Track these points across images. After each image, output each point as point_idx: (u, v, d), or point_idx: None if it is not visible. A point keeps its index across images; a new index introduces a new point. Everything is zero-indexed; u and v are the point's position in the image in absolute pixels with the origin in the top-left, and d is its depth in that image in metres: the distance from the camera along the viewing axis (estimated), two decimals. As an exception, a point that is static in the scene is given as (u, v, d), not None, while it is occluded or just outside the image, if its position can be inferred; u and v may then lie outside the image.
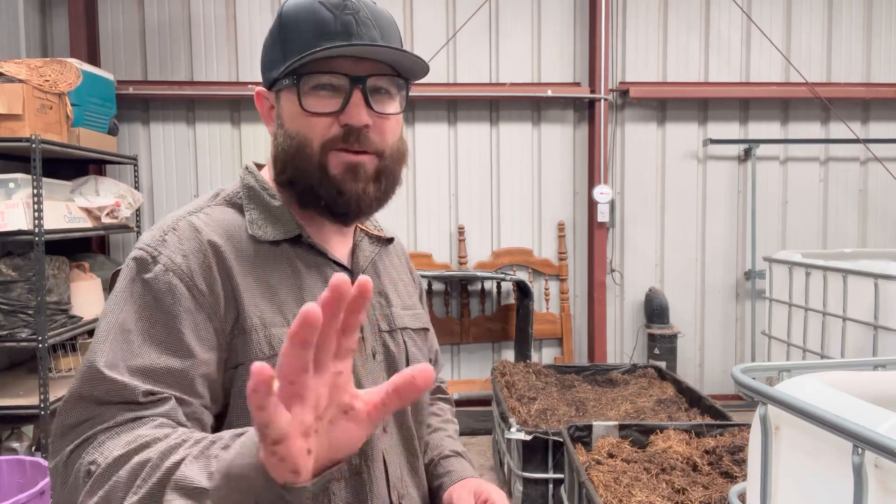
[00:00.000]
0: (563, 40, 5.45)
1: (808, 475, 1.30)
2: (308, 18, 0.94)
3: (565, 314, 5.50)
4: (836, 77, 5.57)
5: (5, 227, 3.50)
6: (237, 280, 0.92)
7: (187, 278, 0.89)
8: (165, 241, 0.92)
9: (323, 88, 0.94)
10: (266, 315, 0.92)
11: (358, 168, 0.95)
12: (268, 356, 0.90)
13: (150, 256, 0.90)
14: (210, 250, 0.92)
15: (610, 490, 2.56)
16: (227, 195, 1.02)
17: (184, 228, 0.94)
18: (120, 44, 5.20)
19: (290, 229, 0.99)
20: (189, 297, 0.88)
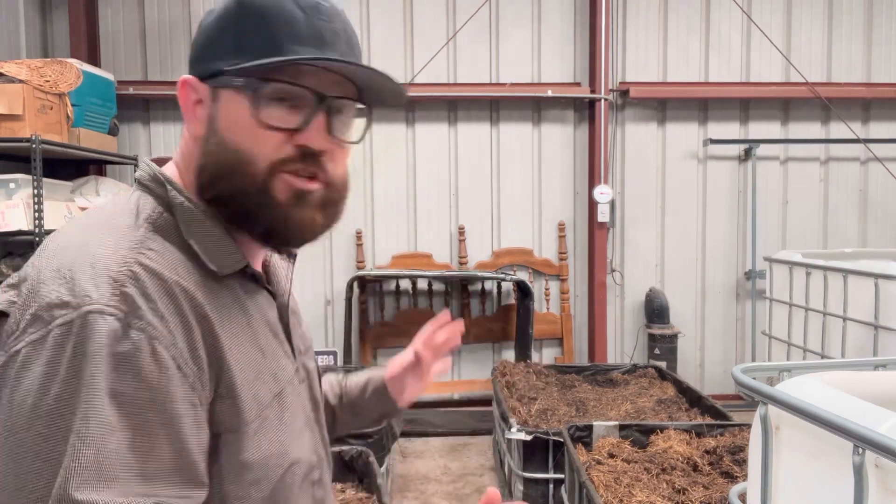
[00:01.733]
0: (563, 40, 5.45)
1: (809, 475, 1.30)
2: (276, 12, 0.79)
3: (565, 314, 5.50)
4: (837, 77, 5.57)
5: (6, 228, 3.50)
6: (217, 332, 0.77)
7: (172, 347, 0.71)
8: (129, 297, 0.70)
9: (283, 100, 0.80)
10: (247, 369, 0.80)
11: (306, 195, 0.82)
12: (256, 416, 0.79)
13: (119, 320, 0.68)
14: (182, 300, 0.74)
15: (610, 490, 2.56)
16: (150, 217, 0.80)
17: (143, 276, 0.72)
18: (120, 44, 5.20)
19: (238, 260, 0.84)
20: (178, 372, 0.71)
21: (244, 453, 0.77)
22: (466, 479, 4.16)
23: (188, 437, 0.71)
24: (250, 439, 0.78)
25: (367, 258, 5.40)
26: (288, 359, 0.90)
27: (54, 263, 0.72)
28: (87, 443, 0.63)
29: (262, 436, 0.79)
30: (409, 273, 5.13)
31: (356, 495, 2.70)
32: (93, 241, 0.75)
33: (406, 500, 3.88)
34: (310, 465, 0.89)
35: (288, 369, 0.89)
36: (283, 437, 0.83)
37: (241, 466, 0.77)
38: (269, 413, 0.81)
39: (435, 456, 4.55)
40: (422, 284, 5.42)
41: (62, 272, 0.71)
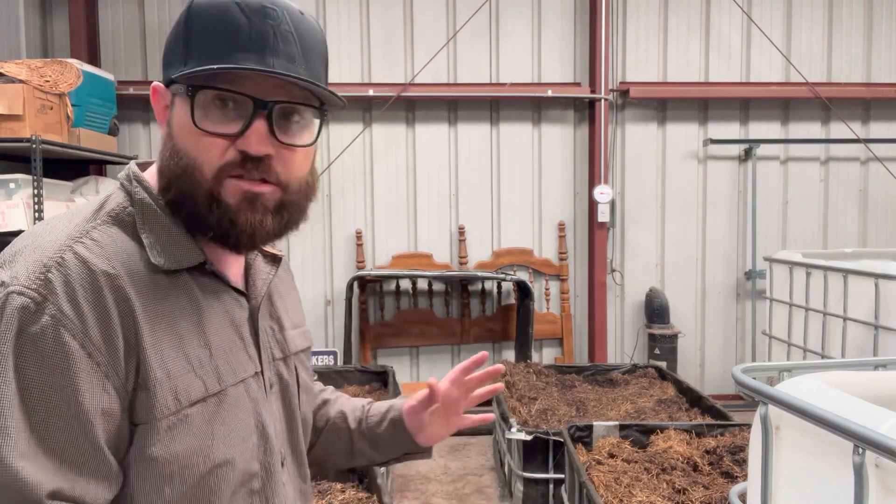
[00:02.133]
0: (563, 40, 5.45)
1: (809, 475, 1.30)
2: (219, 20, 0.80)
3: (566, 314, 5.50)
4: (837, 77, 5.57)
5: (6, 228, 3.50)
6: (140, 324, 0.78)
7: (81, 334, 0.73)
8: (49, 282, 0.74)
9: (222, 106, 0.81)
10: (171, 364, 0.80)
11: (257, 198, 0.83)
12: (173, 411, 0.79)
13: (34, 303, 0.72)
14: (107, 290, 0.76)
15: (610, 490, 2.56)
16: (113, 210, 0.84)
17: (72, 264, 0.75)
18: (120, 44, 5.21)
19: (193, 256, 0.85)
20: (86, 360, 0.73)
21: (152, 448, 0.77)
22: (466, 479, 4.16)
23: (91, 425, 0.73)
24: (161, 434, 0.78)
25: (367, 258, 5.40)
26: (250, 361, 0.90)
27: (12, 249, 0.79)
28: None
29: (178, 432, 0.79)
30: (409, 273, 5.13)
31: (356, 495, 2.70)
32: (47, 230, 0.80)
33: (406, 500, 3.88)
34: (247, 473, 0.87)
35: (245, 371, 0.89)
36: (207, 437, 0.82)
37: (148, 460, 0.78)
38: (193, 411, 0.80)
39: (435, 456, 4.53)
40: (422, 284, 5.42)
41: (13, 256, 0.77)
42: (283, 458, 0.95)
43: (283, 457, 0.95)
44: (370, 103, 5.31)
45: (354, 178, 5.40)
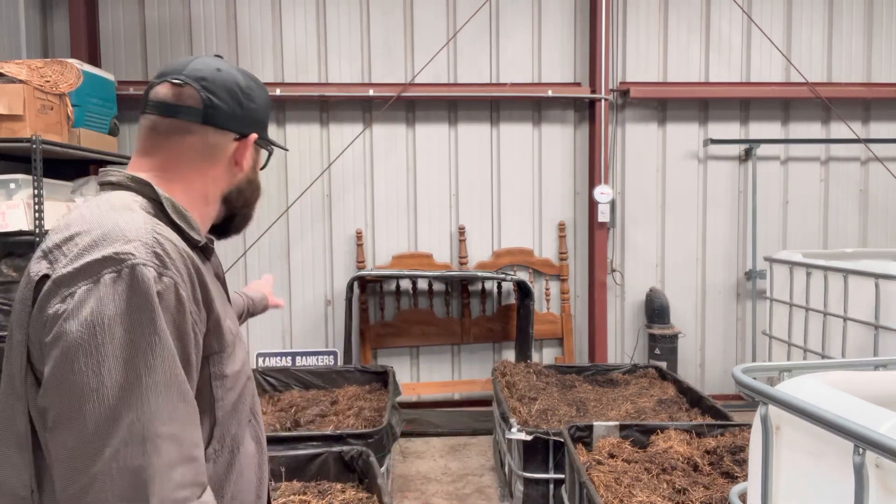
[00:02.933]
0: (563, 40, 5.45)
1: (809, 475, 1.30)
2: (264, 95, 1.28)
3: (566, 314, 5.50)
4: (837, 77, 5.57)
5: (6, 228, 3.50)
6: (206, 283, 1.09)
7: (185, 289, 1.02)
8: (159, 256, 1.00)
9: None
10: (220, 311, 1.13)
11: None
12: (230, 342, 1.14)
13: (157, 271, 0.98)
14: (188, 259, 1.06)
15: (611, 490, 2.56)
16: (144, 206, 1.11)
17: (165, 244, 1.03)
18: (120, 44, 5.21)
19: (202, 236, 1.18)
20: (189, 311, 1.02)
21: (226, 368, 1.12)
22: (467, 479, 4.16)
23: (193, 355, 1.02)
24: (229, 358, 1.13)
25: (367, 258, 5.40)
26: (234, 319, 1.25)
27: (85, 238, 0.99)
28: (151, 349, 0.94)
29: (235, 356, 1.15)
30: (409, 273, 5.13)
31: (356, 495, 2.70)
32: (118, 219, 1.02)
33: (406, 500, 3.88)
34: (252, 387, 1.26)
35: (235, 316, 1.27)
36: (243, 358, 1.19)
37: (223, 377, 1.11)
38: (236, 341, 1.18)
39: (435, 456, 4.55)
40: (422, 284, 5.42)
41: (99, 241, 0.98)
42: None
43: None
44: (370, 103, 5.31)
45: (354, 178, 5.40)
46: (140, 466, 0.88)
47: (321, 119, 5.34)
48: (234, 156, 1.22)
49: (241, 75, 1.22)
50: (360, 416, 3.73)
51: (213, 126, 1.17)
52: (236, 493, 1.15)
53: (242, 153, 1.23)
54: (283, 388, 4.37)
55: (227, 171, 1.22)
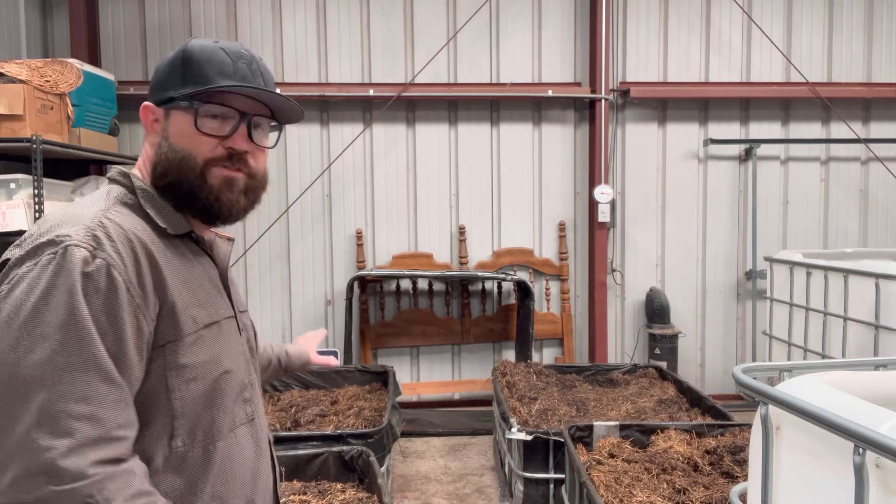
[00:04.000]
0: (563, 40, 5.45)
1: (809, 475, 1.30)
2: (211, 58, 1.15)
3: (566, 314, 5.50)
4: (837, 77, 5.57)
5: (6, 228, 3.50)
6: (162, 269, 1.07)
7: (123, 273, 1.01)
8: (98, 238, 1.01)
9: (215, 116, 1.15)
10: (185, 298, 1.11)
11: (234, 181, 1.17)
12: (193, 330, 1.10)
13: (89, 251, 0.99)
14: (136, 243, 1.05)
15: (611, 490, 2.56)
16: (118, 197, 1.13)
17: (109, 226, 1.04)
18: (121, 44, 5.21)
19: (183, 226, 1.16)
20: (126, 293, 1.01)
21: (182, 357, 1.08)
22: (467, 479, 4.16)
23: (128, 338, 1.00)
24: (187, 347, 1.09)
25: (367, 258, 5.40)
26: (227, 307, 1.23)
27: (46, 224, 1.05)
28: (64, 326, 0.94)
29: (198, 346, 1.11)
30: (409, 273, 5.13)
31: (356, 495, 2.70)
32: (75, 209, 1.08)
33: (406, 500, 3.88)
34: (242, 384, 1.21)
35: (227, 312, 1.22)
36: (217, 351, 1.15)
37: (179, 367, 1.08)
38: (205, 332, 1.13)
39: (435, 456, 4.55)
40: (422, 284, 5.42)
41: (52, 227, 1.03)
42: (254, 382, 1.28)
43: (253, 382, 1.28)
44: (370, 103, 5.31)
45: (355, 178, 5.40)
46: (49, 446, 0.89)
47: (321, 119, 5.34)
48: (148, 126, 1.18)
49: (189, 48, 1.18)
50: (360, 416, 3.73)
51: (150, 103, 1.19)
52: (219, 493, 1.13)
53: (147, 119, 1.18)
54: (284, 388, 4.37)
55: (150, 145, 1.18)
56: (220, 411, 1.14)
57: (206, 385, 1.11)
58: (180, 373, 1.08)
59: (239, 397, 1.19)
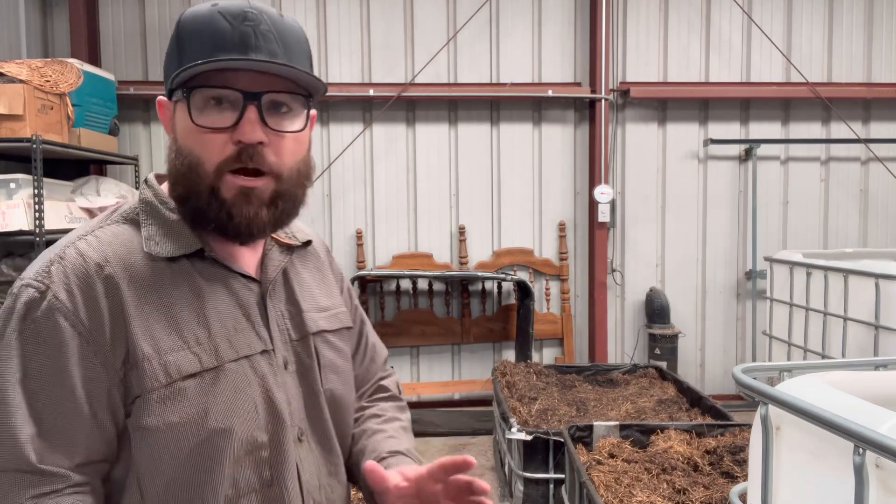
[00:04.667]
0: (563, 40, 5.45)
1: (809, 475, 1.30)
2: (205, 29, 0.89)
3: (566, 314, 5.50)
4: (837, 77, 5.57)
5: (6, 228, 3.50)
6: (128, 308, 0.88)
7: (73, 317, 0.85)
8: (50, 274, 0.87)
9: (216, 103, 0.89)
10: (161, 341, 0.88)
11: (251, 193, 0.91)
12: (164, 384, 0.87)
13: (38, 292, 0.86)
14: (97, 278, 0.87)
15: (611, 490, 2.56)
16: (124, 211, 0.97)
17: (70, 257, 0.88)
18: (121, 44, 5.20)
19: (191, 244, 0.94)
20: (76, 338, 0.85)
21: (146, 418, 0.86)
22: (467, 479, 4.16)
23: (77, 393, 0.84)
24: (153, 406, 0.86)
25: (367, 258, 5.40)
26: (259, 340, 0.97)
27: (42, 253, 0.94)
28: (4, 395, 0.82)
29: (172, 404, 0.87)
30: (409, 273, 5.13)
31: (357, 494, 2.70)
32: (71, 235, 0.94)
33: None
34: (252, 443, 0.93)
35: (250, 348, 0.95)
36: (202, 408, 0.88)
37: (143, 429, 0.86)
38: (188, 384, 0.88)
39: (435, 456, 4.54)
40: (422, 284, 5.42)
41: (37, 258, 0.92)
42: (302, 433, 1.00)
43: (302, 432, 1.00)
44: (370, 103, 5.31)
45: (355, 178, 5.40)
46: None
47: (321, 119, 5.34)
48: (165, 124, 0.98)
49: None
50: (360, 416, 3.73)
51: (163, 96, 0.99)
52: None
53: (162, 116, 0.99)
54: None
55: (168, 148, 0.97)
56: (207, 479, 0.89)
57: (183, 452, 0.87)
58: (143, 436, 0.87)
59: (247, 458, 0.92)
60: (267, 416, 0.95)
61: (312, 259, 1.15)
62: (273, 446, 0.95)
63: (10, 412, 0.82)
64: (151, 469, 0.87)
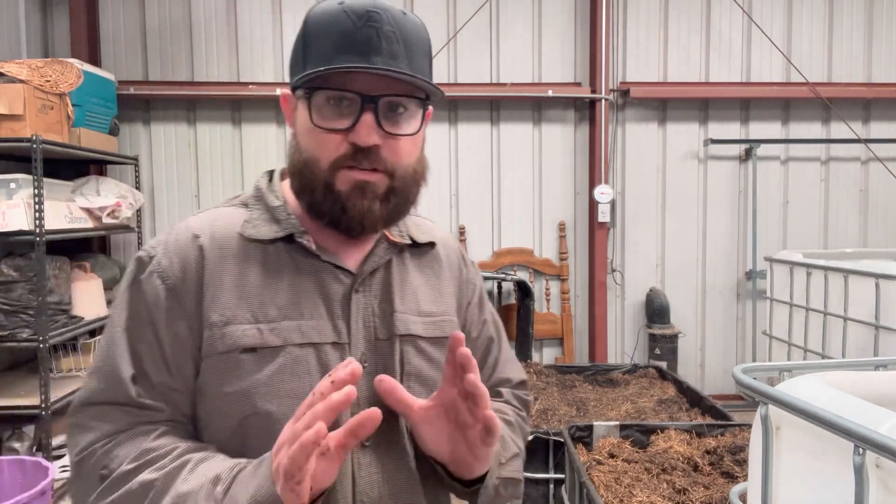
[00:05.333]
0: (563, 40, 5.45)
1: (809, 475, 1.30)
2: (330, 29, 0.91)
3: (566, 314, 5.50)
4: (837, 77, 5.57)
5: (6, 228, 3.50)
6: (208, 276, 0.95)
7: (167, 279, 0.94)
8: (160, 243, 0.99)
9: (334, 104, 0.92)
10: (229, 313, 0.93)
11: (366, 186, 0.94)
12: (221, 352, 0.92)
13: (148, 257, 0.98)
14: (191, 247, 0.96)
15: (611, 490, 2.56)
16: (244, 197, 1.06)
17: (179, 229, 1.00)
18: (121, 44, 5.20)
19: (285, 228, 0.98)
20: (169, 297, 0.94)
21: (204, 382, 0.93)
22: (467, 479, 4.16)
23: (164, 345, 0.93)
24: (211, 372, 0.92)
25: (367, 258, 5.39)
26: (333, 331, 0.97)
27: None
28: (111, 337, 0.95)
29: (227, 374, 0.92)
30: (409, 273, 5.12)
31: None
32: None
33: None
34: None
35: (319, 337, 0.95)
36: (253, 385, 0.91)
37: (202, 393, 0.93)
38: (244, 357, 0.92)
39: (435, 456, 4.54)
40: (422, 284, 5.41)
41: None
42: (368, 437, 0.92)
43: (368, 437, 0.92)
44: (370, 103, 5.30)
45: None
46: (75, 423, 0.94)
47: (321, 119, 5.33)
48: (288, 117, 1.03)
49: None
50: (360, 416, 3.73)
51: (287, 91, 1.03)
52: None
53: (285, 109, 1.03)
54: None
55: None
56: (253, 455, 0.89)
57: (232, 422, 0.92)
58: (202, 399, 0.94)
59: None
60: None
61: (431, 262, 1.13)
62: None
63: (117, 353, 0.93)
64: (208, 432, 0.94)
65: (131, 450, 0.89)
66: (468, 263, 1.21)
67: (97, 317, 4.19)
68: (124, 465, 0.87)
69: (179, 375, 0.93)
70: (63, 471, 3.77)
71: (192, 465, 0.87)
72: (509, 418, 1.14)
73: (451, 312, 1.10)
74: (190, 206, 5.28)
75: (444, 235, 1.19)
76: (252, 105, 5.27)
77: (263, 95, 5.15)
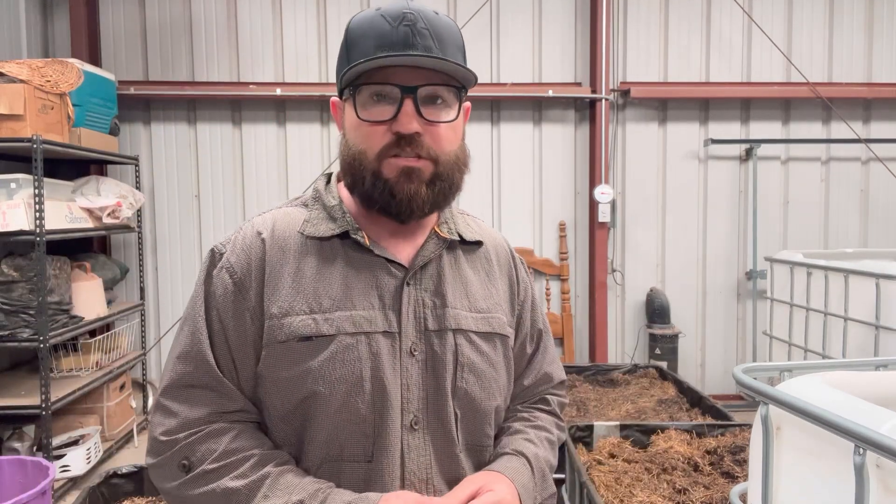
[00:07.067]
0: (563, 40, 5.45)
1: (810, 475, 1.30)
2: (369, 32, 1.00)
3: (566, 314, 5.50)
4: (838, 77, 5.57)
5: (7, 228, 3.50)
6: (270, 274, 1.03)
7: (234, 274, 1.04)
8: (230, 240, 1.08)
9: (378, 99, 1.00)
10: (287, 305, 1.01)
11: (412, 171, 1.01)
12: (280, 341, 1.00)
13: (219, 253, 1.07)
14: (255, 243, 1.05)
15: (611, 490, 2.56)
16: (304, 198, 1.16)
17: (245, 227, 1.09)
18: (121, 44, 5.21)
19: (341, 226, 1.06)
20: (235, 293, 1.03)
21: (265, 369, 1.01)
22: (467, 479, 4.16)
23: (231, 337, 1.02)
24: (270, 359, 1.00)
25: (367, 258, 5.39)
26: (384, 321, 1.03)
27: None
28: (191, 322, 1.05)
29: (284, 361, 1.00)
30: (409, 273, 5.12)
31: None
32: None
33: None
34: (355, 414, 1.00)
35: (371, 326, 1.02)
36: (307, 370, 0.99)
37: (262, 378, 1.02)
38: (300, 346, 1.00)
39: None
40: (422, 284, 5.42)
41: None
42: (417, 421, 1.02)
43: (417, 421, 1.02)
44: (371, 103, 5.30)
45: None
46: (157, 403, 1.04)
47: (322, 119, 5.34)
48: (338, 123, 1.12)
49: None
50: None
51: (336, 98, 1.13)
52: None
53: (336, 116, 1.13)
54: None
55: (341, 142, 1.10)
56: (308, 436, 1.00)
57: (290, 403, 1.00)
58: (261, 383, 1.02)
59: (350, 428, 0.99)
60: (373, 393, 1.00)
61: (482, 261, 1.19)
62: (378, 424, 1.00)
63: (202, 339, 1.01)
64: (269, 415, 1.03)
65: (212, 448, 0.97)
66: (519, 263, 1.27)
67: (97, 317, 4.19)
68: (206, 463, 0.96)
69: (243, 362, 1.02)
70: (63, 471, 3.77)
71: (272, 481, 0.95)
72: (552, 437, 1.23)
73: (499, 309, 1.16)
74: (190, 206, 5.28)
75: (495, 235, 1.26)
76: (252, 105, 5.27)
77: (264, 95, 5.15)
